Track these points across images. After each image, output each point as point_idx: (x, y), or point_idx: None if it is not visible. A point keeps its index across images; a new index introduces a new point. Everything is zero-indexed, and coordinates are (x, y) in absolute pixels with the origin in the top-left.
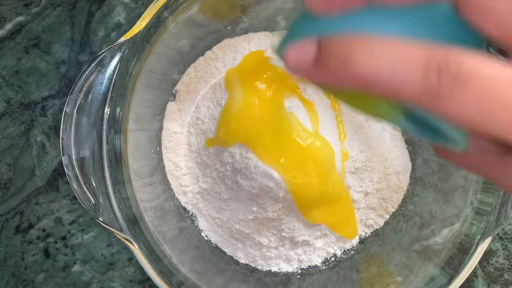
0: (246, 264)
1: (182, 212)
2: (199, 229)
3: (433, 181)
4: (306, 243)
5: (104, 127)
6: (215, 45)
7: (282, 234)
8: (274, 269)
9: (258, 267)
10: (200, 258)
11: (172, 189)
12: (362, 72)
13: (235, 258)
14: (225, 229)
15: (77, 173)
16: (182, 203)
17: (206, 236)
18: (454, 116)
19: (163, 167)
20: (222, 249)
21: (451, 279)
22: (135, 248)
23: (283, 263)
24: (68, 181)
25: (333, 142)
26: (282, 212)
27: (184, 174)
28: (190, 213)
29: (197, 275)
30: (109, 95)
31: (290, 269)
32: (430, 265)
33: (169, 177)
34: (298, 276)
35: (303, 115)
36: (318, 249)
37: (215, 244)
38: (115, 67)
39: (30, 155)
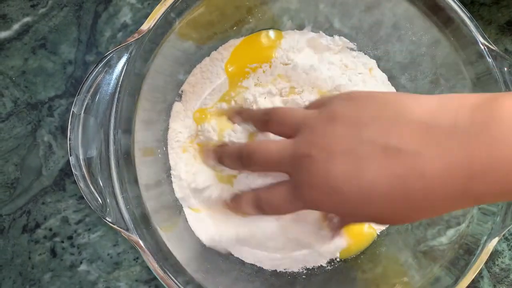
0: (251, 264)
1: None
2: None
3: None
4: (312, 244)
5: (111, 127)
6: (221, 45)
7: (288, 236)
8: (280, 269)
9: (264, 267)
10: (206, 259)
11: None
12: None
13: (241, 258)
14: None
15: (85, 173)
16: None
17: None
18: None
19: (169, 167)
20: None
21: (457, 280)
22: (141, 248)
23: (289, 263)
24: (74, 181)
25: None
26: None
27: None
28: None
29: (203, 275)
30: (116, 96)
31: (296, 269)
32: (435, 266)
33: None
34: (304, 276)
35: None
36: (324, 250)
37: None
38: (122, 67)
39: (37, 155)
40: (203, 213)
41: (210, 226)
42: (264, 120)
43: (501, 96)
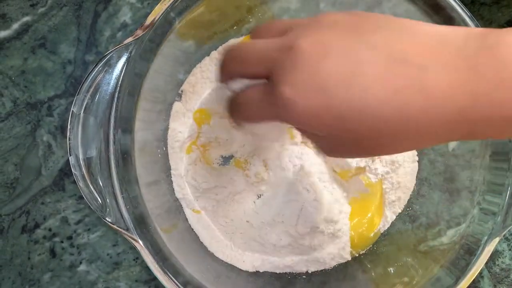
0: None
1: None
2: None
3: (439, 181)
4: (313, 247)
5: (111, 127)
6: (221, 45)
7: (290, 238)
8: (280, 270)
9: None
10: (206, 259)
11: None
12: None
13: (240, 263)
14: None
15: (84, 173)
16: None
17: None
18: None
19: (169, 167)
20: None
21: (457, 280)
22: (141, 248)
23: (291, 264)
24: (74, 181)
25: None
26: None
27: None
28: None
29: (203, 275)
30: (116, 95)
31: (297, 269)
32: (436, 266)
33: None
34: (304, 277)
35: None
36: (326, 251)
37: None
38: (122, 67)
39: (37, 155)
40: (204, 214)
41: (211, 228)
42: (257, 35)
43: None
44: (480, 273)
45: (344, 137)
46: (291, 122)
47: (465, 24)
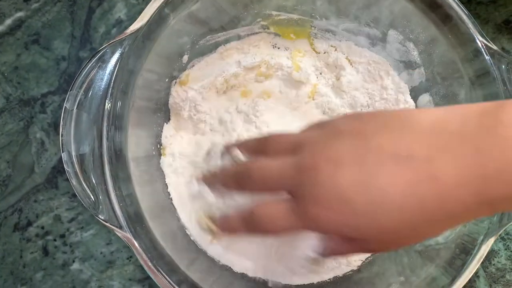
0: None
1: None
2: None
3: None
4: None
5: (105, 123)
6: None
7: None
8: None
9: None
10: (200, 258)
11: None
12: None
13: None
14: None
15: (77, 170)
16: None
17: None
18: None
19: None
20: None
21: (453, 280)
22: (134, 246)
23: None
24: (67, 179)
25: None
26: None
27: None
28: None
29: (197, 274)
30: (109, 91)
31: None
32: (432, 266)
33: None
34: None
35: None
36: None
37: None
38: (116, 63)
39: (29, 152)
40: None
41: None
42: (259, 149)
43: (506, 103)
44: (476, 272)
45: (375, 234)
46: (323, 232)
47: (463, 22)
